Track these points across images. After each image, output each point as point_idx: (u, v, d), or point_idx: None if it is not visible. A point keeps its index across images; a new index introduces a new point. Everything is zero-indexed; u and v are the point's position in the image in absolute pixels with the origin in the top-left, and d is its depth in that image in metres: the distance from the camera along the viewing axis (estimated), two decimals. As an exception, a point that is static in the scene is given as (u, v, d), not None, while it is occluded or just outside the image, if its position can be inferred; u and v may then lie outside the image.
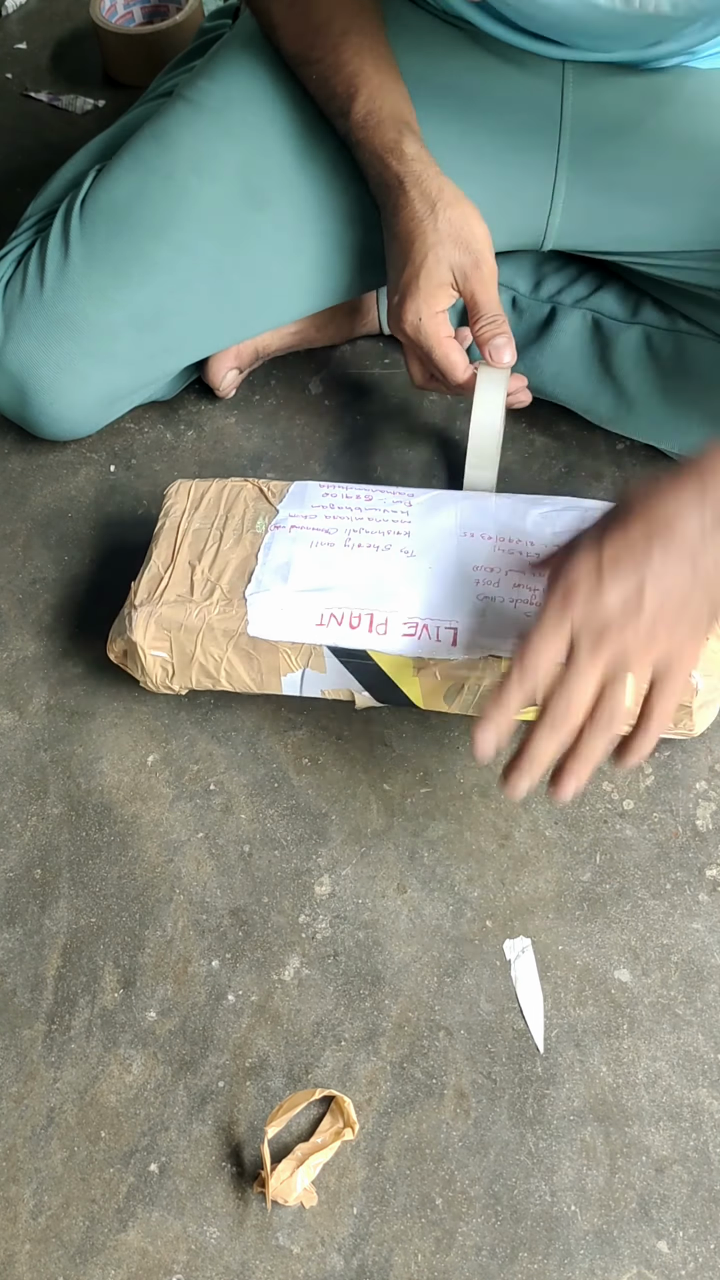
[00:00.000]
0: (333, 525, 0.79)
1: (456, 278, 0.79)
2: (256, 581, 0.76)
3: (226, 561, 0.78)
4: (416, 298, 0.79)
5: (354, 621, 0.74)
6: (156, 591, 0.78)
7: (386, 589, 0.76)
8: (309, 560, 0.77)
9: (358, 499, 0.81)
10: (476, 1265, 0.65)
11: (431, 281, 0.78)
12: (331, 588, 0.76)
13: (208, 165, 0.87)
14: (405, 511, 0.80)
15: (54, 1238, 0.66)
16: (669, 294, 0.94)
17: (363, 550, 0.77)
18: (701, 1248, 0.64)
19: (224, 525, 0.80)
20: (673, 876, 0.77)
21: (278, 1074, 0.71)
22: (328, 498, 0.81)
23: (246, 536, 0.79)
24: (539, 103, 0.87)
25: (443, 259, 0.78)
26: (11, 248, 0.93)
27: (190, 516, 0.82)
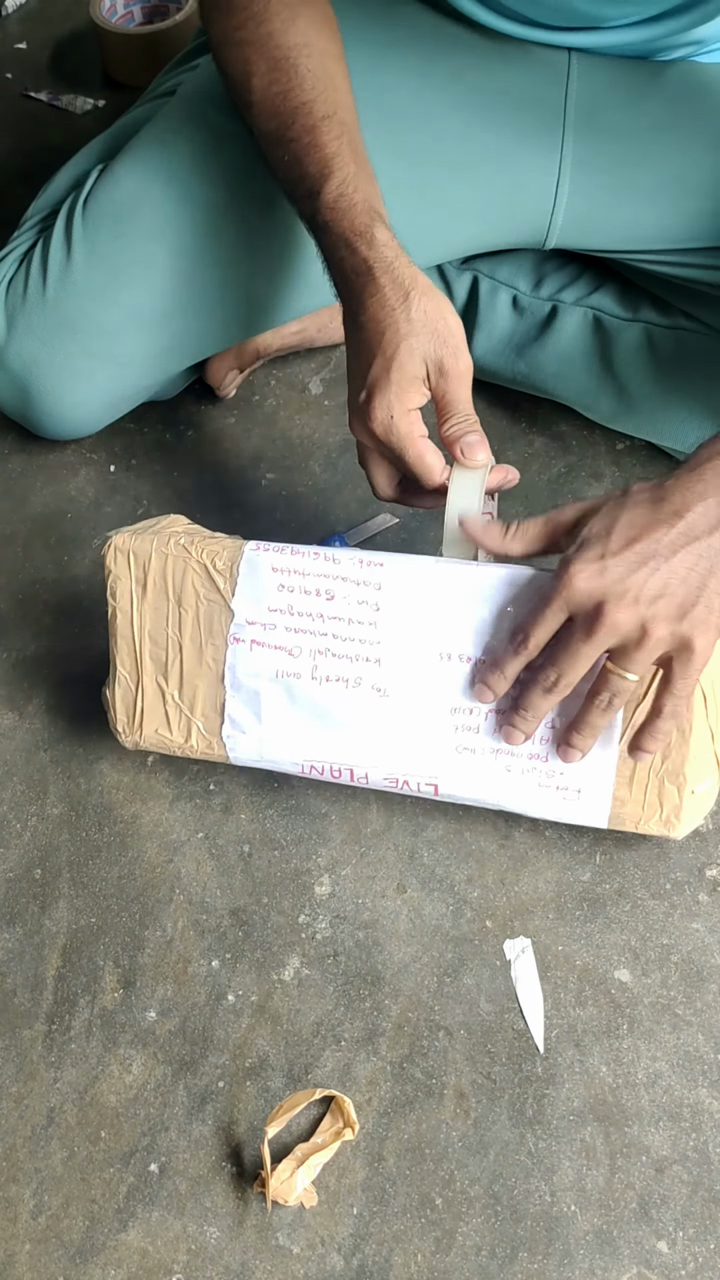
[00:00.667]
0: (296, 644, 0.73)
1: (430, 372, 0.72)
2: (230, 720, 0.74)
3: (195, 688, 0.75)
4: (387, 393, 0.71)
5: (335, 773, 0.74)
6: (134, 719, 0.76)
7: (362, 739, 0.73)
8: (277, 695, 0.73)
9: (318, 597, 0.72)
10: (476, 1265, 0.65)
11: (404, 376, 0.71)
12: (306, 733, 0.73)
13: (209, 166, 0.87)
14: (373, 622, 0.71)
15: (54, 1238, 0.66)
16: (670, 292, 0.94)
17: (332, 685, 0.72)
18: (701, 1248, 0.64)
19: (180, 628, 0.75)
20: (673, 876, 0.77)
21: (278, 1074, 0.71)
22: (284, 593, 0.72)
23: (207, 648, 0.74)
24: (543, 99, 0.87)
25: (416, 351, 0.71)
26: (13, 248, 0.93)
27: (140, 606, 0.75)
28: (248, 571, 0.73)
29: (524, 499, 0.97)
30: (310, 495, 0.98)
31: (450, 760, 0.72)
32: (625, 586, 0.62)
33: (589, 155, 0.88)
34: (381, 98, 0.87)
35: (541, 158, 0.89)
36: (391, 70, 0.87)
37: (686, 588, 0.62)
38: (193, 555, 0.74)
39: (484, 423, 1.01)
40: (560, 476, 0.98)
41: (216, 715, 0.75)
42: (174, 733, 0.76)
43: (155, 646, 0.75)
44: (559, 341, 0.98)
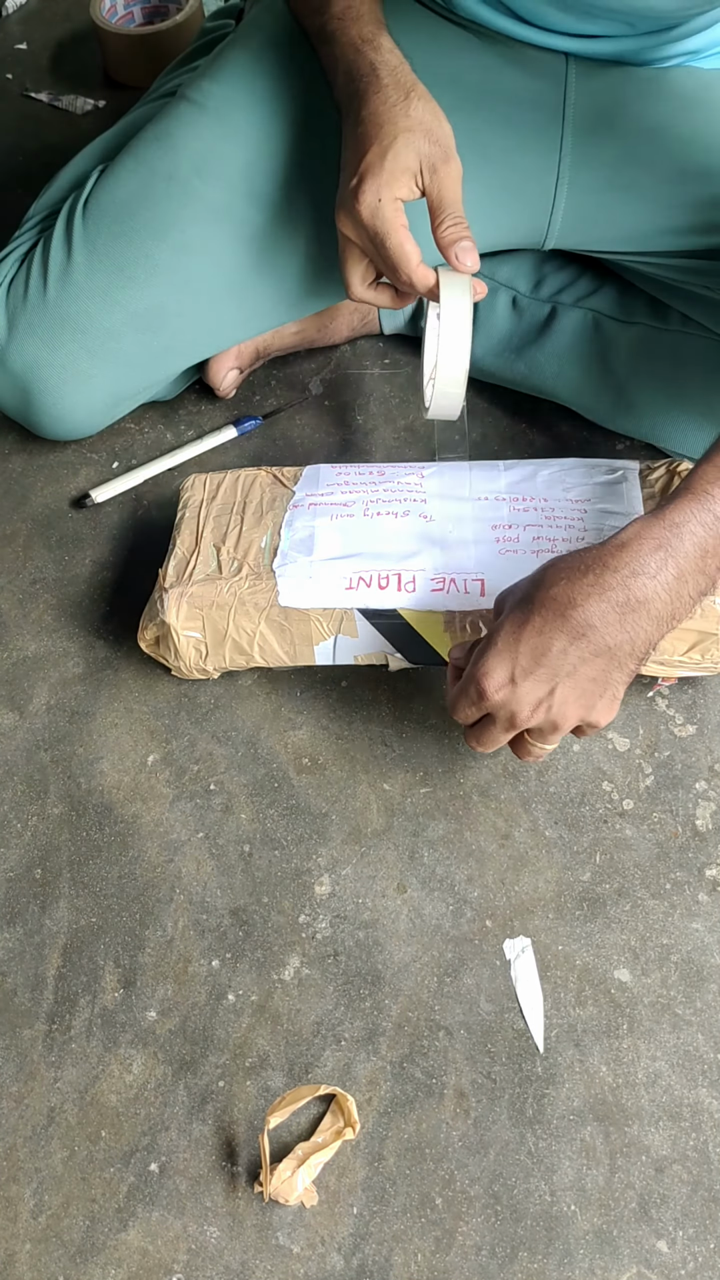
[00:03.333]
0: (350, 499, 0.81)
1: (423, 168, 0.75)
2: (282, 555, 0.79)
3: (250, 541, 0.81)
4: (379, 178, 0.73)
5: (382, 582, 0.76)
6: (185, 574, 0.80)
7: (410, 550, 0.78)
8: (331, 531, 0.79)
9: (371, 474, 0.84)
10: (476, 1265, 0.65)
11: (398, 164, 0.73)
12: (356, 554, 0.78)
13: (210, 166, 0.87)
14: (419, 483, 0.83)
15: (54, 1237, 0.66)
16: (668, 293, 0.94)
17: (382, 518, 0.80)
18: (701, 1247, 0.64)
19: (243, 510, 0.83)
20: (673, 876, 0.77)
21: (278, 1074, 0.71)
22: (341, 476, 0.84)
23: (267, 517, 0.81)
24: (542, 101, 0.87)
25: (412, 145, 0.74)
26: (14, 248, 0.93)
27: (209, 505, 0.84)
28: (311, 473, 0.85)
29: (524, 499, 0.97)
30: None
31: (494, 559, 0.77)
32: (535, 700, 0.67)
33: (588, 157, 0.88)
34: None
35: (540, 159, 0.89)
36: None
37: (594, 688, 0.68)
38: (263, 471, 0.86)
39: (484, 422, 1.02)
40: (560, 477, 0.98)
41: (269, 557, 0.80)
42: (224, 572, 0.79)
43: (216, 526, 0.82)
44: (558, 342, 0.98)
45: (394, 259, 0.74)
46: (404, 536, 0.79)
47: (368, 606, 0.77)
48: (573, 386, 0.98)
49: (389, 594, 0.76)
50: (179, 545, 0.83)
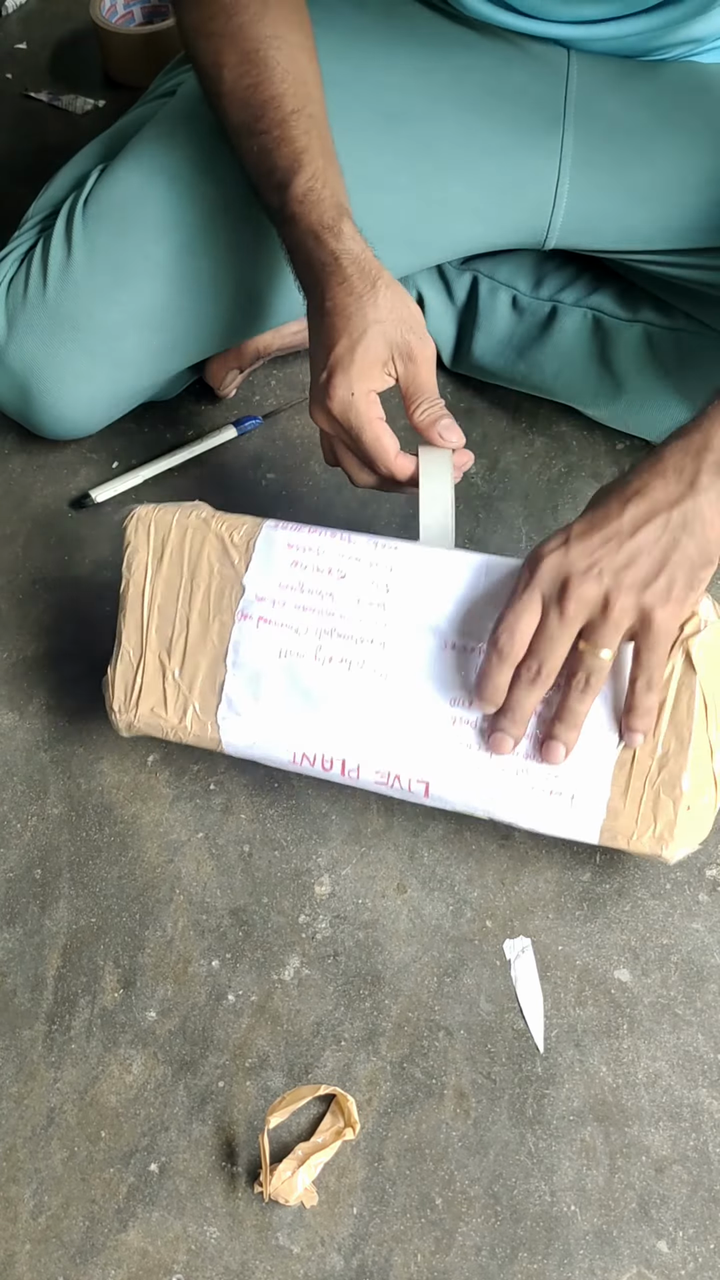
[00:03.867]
0: (303, 623, 0.73)
1: (395, 357, 0.74)
2: (227, 700, 0.74)
3: (196, 664, 0.75)
4: (349, 372, 0.72)
5: (326, 764, 0.73)
6: (132, 696, 0.76)
7: (358, 727, 0.72)
8: (278, 676, 0.73)
9: (330, 575, 0.73)
10: (476, 1265, 0.65)
11: (369, 356, 0.72)
12: (302, 716, 0.73)
13: (210, 165, 0.87)
14: (382, 604, 0.72)
15: (54, 1238, 0.66)
16: (669, 292, 0.94)
17: (334, 666, 0.72)
18: (701, 1248, 0.64)
19: (190, 601, 0.75)
20: (673, 876, 0.77)
21: (278, 1074, 0.71)
22: (297, 570, 0.73)
23: (214, 623, 0.74)
24: (543, 99, 0.87)
25: (383, 337, 0.73)
26: (14, 247, 0.93)
27: (154, 579, 0.77)
28: (264, 548, 0.74)
29: (524, 499, 0.97)
30: (310, 495, 0.98)
31: (445, 754, 0.71)
32: (589, 561, 0.64)
33: (589, 155, 0.88)
34: (381, 97, 0.87)
35: (541, 158, 0.89)
36: (392, 70, 0.87)
37: (650, 559, 0.64)
38: (211, 528, 0.75)
39: (484, 423, 1.02)
40: (560, 476, 0.98)
41: (214, 695, 0.75)
42: (169, 712, 0.75)
43: (163, 621, 0.76)
44: (559, 342, 0.98)
45: (372, 452, 0.74)
46: (354, 704, 0.72)
47: (311, 776, 0.75)
48: (574, 386, 0.98)
49: (333, 775, 0.73)
50: (124, 640, 0.77)
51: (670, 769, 0.68)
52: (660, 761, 0.69)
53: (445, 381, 1.05)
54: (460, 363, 1.04)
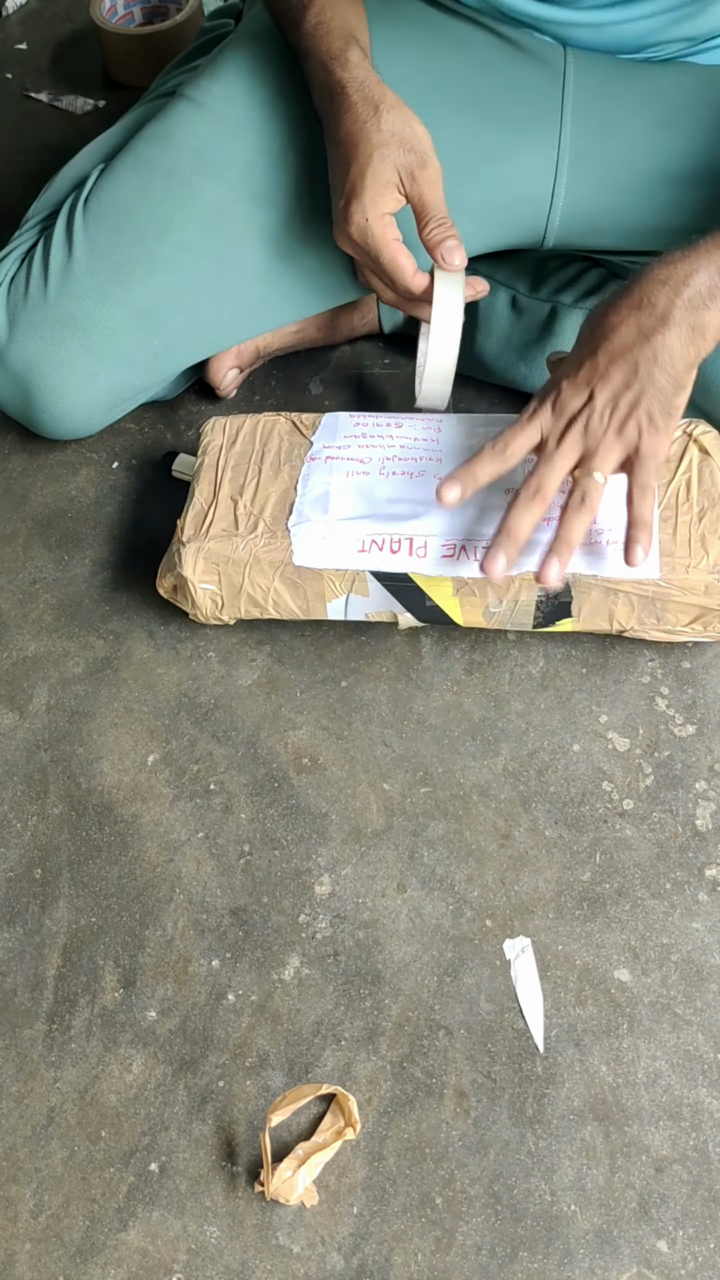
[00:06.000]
0: (366, 454, 0.81)
1: (403, 178, 0.78)
2: (298, 513, 0.80)
3: (267, 495, 0.81)
4: (362, 198, 0.77)
5: (394, 546, 0.78)
6: (202, 527, 0.81)
7: (423, 512, 0.79)
8: (346, 489, 0.80)
9: (388, 425, 0.83)
10: (476, 1265, 0.65)
11: (378, 181, 0.77)
12: (370, 514, 0.79)
13: (210, 165, 0.87)
14: (435, 438, 0.83)
15: (54, 1237, 0.66)
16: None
17: (398, 477, 0.80)
18: (701, 1247, 0.64)
19: (261, 459, 0.83)
20: (673, 876, 0.77)
21: (278, 1073, 0.71)
22: (359, 427, 0.83)
23: (284, 469, 0.81)
24: (540, 99, 0.87)
25: (388, 159, 0.77)
26: (14, 247, 0.93)
27: (227, 452, 0.84)
28: (330, 421, 0.85)
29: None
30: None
31: None
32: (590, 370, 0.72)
33: (586, 154, 0.88)
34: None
35: (539, 157, 0.89)
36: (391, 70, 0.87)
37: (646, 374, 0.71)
38: (282, 416, 0.85)
39: (484, 423, 1.02)
40: (560, 477, 0.98)
41: (284, 513, 0.80)
42: (240, 528, 0.80)
43: (235, 475, 0.83)
44: (559, 342, 0.98)
45: (390, 272, 0.79)
46: (419, 496, 0.80)
47: (380, 570, 0.79)
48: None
49: (400, 558, 0.78)
50: (197, 495, 0.83)
51: (710, 517, 0.80)
52: (699, 515, 0.80)
53: (445, 381, 1.05)
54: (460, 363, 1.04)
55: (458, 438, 0.83)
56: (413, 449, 0.82)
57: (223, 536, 0.80)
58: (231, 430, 0.86)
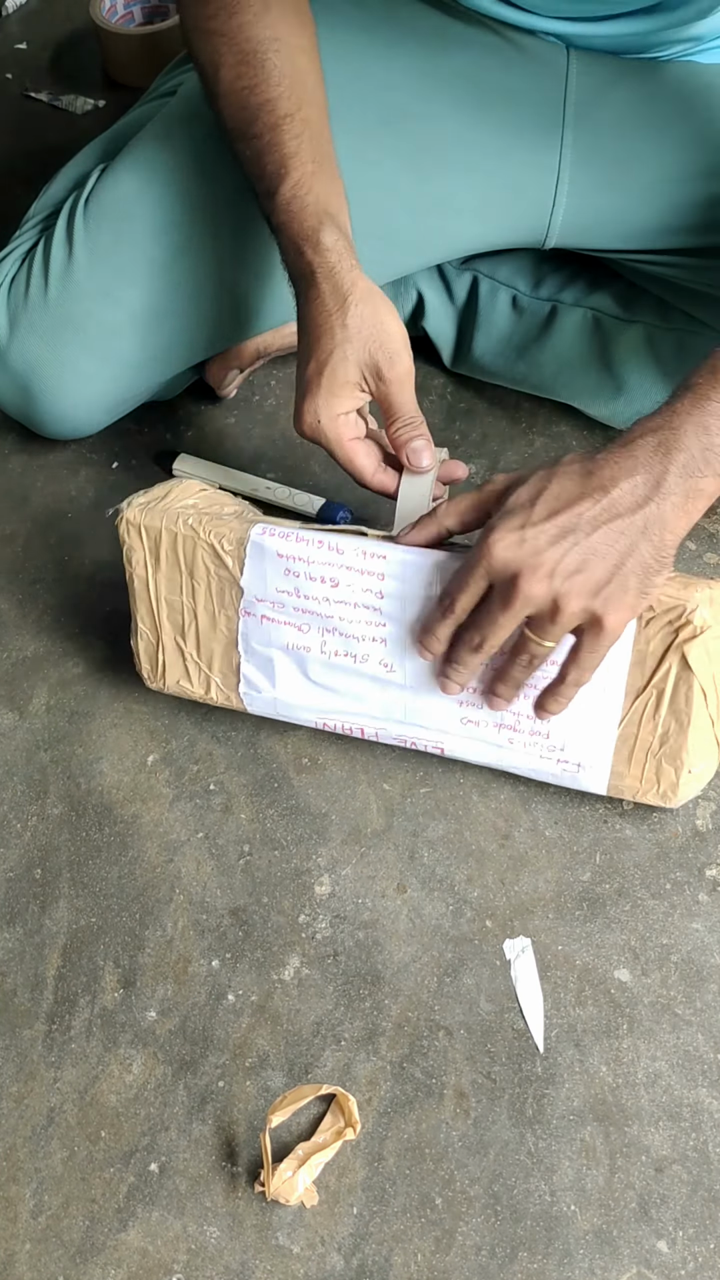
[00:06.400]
0: (304, 622, 0.75)
1: (367, 377, 0.73)
2: (245, 679, 0.78)
3: (211, 649, 0.78)
4: (316, 397, 0.73)
5: (348, 729, 0.78)
6: (158, 670, 0.81)
7: (372, 708, 0.76)
8: (290, 667, 0.76)
9: (323, 584, 0.73)
10: (476, 1265, 0.65)
11: (335, 380, 0.73)
12: (318, 700, 0.77)
13: (210, 166, 0.87)
14: (378, 608, 0.73)
15: (54, 1237, 0.66)
16: (669, 292, 0.94)
17: (341, 660, 0.75)
18: (701, 1248, 0.64)
19: (194, 596, 0.77)
20: (673, 876, 0.77)
21: (278, 1073, 0.71)
22: (290, 578, 0.74)
23: (220, 617, 0.77)
24: (542, 99, 0.87)
25: (350, 357, 0.72)
26: (14, 248, 0.93)
27: (154, 575, 0.78)
28: (254, 554, 0.74)
29: (524, 499, 0.97)
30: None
31: (455, 730, 0.76)
32: (541, 560, 0.62)
33: (588, 154, 0.88)
34: (382, 97, 0.87)
35: (541, 157, 0.89)
36: (392, 69, 0.87)
37: (604, 564, 0.63)
38: (200, 536, 0.76)
39: (484, 423, 1.02)
40: (560, 477, 0.98)
41: (233, 674, 0.79)
42: (194, 685, 0.80)
43: (171, 611, 0.79)
44: (559, 342, 0.98)
45: (350, 472, 0.76)
46: (365, 693, 0.76)
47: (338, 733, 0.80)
48: (574, 386, 0.98)
49: (355, 735, 0.79)
50: (140, 621, 0.79)
51: (671, 745, 0.72)
52: (661, 739, 0.72)
53: (445, 381, 1.05)
54: (460, 363, 1.04)
55: (401, 607, 0.73)
56: (354, 623, 0.74)
57: (178, 687, 0.81)
58: (150, 542, 0.77)
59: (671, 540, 0.64)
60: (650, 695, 0.71)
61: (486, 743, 0.75)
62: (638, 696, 0.71)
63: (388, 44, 0.87)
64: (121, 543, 0.77)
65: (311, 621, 0.74)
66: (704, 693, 0.70)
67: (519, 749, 0.75)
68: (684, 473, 0.63)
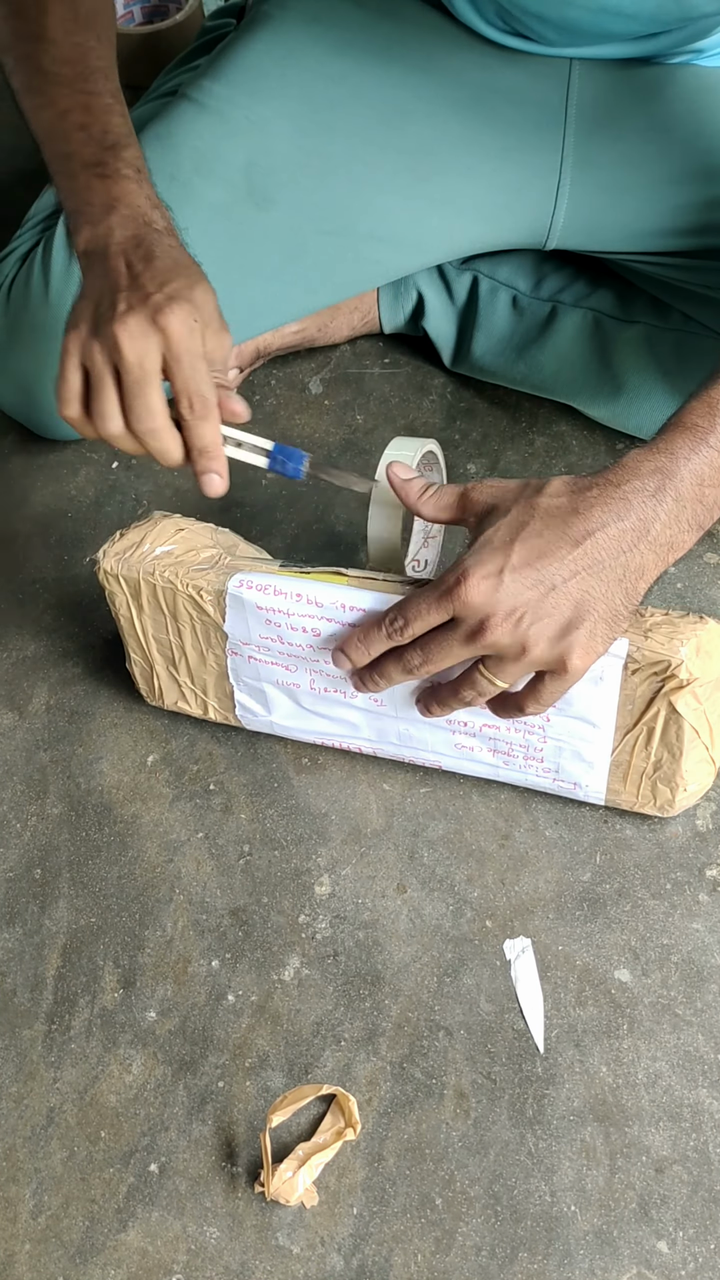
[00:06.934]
0: (292, 664, 0.74)
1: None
2: (240, 705, 0.79)
3: (204, 680, 0.79)
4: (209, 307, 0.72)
5: (345, 746, 0.80)
6: (155, 693, 0.82)
7: (367, 733, 0.78)
8: (283, 699, 0.78)
9: (305, 634, 0.72)
10: (476, 1265, 0.65)
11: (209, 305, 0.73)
12: (315, 725, 0.79)
13: (211, 165, 0.87)
14: None
15: (54, 1238, 0.66)
16: (669, 293, 0.94)
17: (330, 696, 0.75)
18: (701, 1248, 0.64)
19: (179, 634, 0.77)
20: (673, 876, 0.77)
21: (278, 1074, 0.71)
22: (272, 627, 0.73)
23: (209, 655, 0.77)
24: (544, 100, 0.87)
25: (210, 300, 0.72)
26: (14, 248, 0.93)
27: (140, 617, 0.77)
28: (234, 605, 0.73)
29: (524, 499, 0.97)
30: (310, 495, 0.98)
31: (450, 753, 0.77)
32: (514, 605, 0.61)
33: (590, 156, 0.88)
34: (384, 97, 0.87)
35: (543, 158, 0.89)
36: (394, 70, 0.87)
37: (575, 611, 0.62)
38: (178, 588, 0.74)
39: (484, 423, 1.02)
40: (560, 477, 0.98)
41: (228, 700, 0.80)
42: (192, 706, 0.82)
43: (161, 646, 0.79)
44: (558, 342, 0.98)
45: None
46: (358, 718, 0.77)
47: None
48: (574, 386, 0.98)
49: (354, 750, 0.80)
50: (131, 652, 0.80)
51: (664, 770, 0.73)
52: (655, 765, 0.73)
53: (445, 381, 1.05)
54: (460, 363, 1.04)
55: None
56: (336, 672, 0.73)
57: (177, 708, 0.82)
58: (130, 589, 0.76)
59: (644, 587, 0.63)
60: (640, 731, 0.70)
61: (482, 763, 0.77)
62: (628, 733, 0.71)
63: (388, 44, 0.87)
64: (103, 588, 0.77)
65: (298, 664, 0.74)
66: (695, 730, 0.70)
67: (515, 771, 0.77)
68: (670, 523, 0.62)
